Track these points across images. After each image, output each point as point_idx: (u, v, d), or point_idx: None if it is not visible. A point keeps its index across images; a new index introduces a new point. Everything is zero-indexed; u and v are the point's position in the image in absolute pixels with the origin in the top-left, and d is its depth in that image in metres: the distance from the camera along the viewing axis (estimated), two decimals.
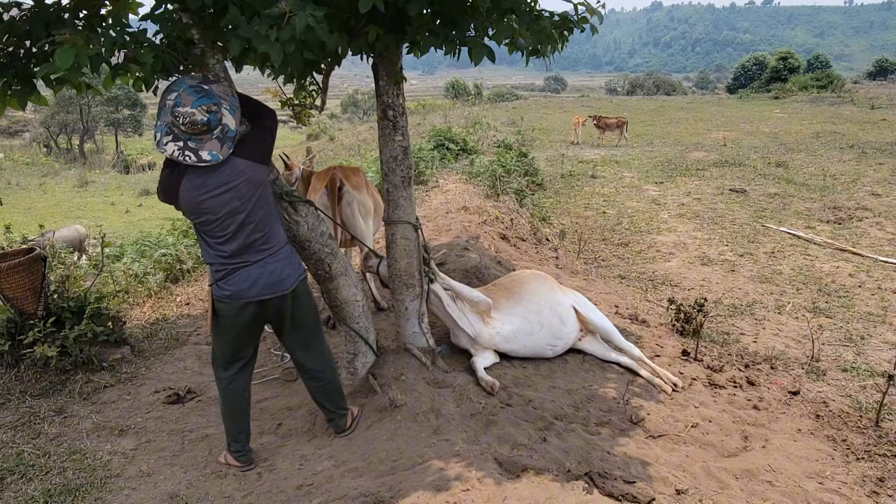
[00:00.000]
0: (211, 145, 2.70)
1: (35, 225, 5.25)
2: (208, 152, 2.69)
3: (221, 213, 2.77)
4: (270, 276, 2.91)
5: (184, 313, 5.55)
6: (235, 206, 2.78)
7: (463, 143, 14.20)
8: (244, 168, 2.80)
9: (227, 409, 3.13)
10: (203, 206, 2.75)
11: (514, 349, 4.21)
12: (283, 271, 2.96)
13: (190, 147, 2.68)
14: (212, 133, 2.70)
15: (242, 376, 3.15)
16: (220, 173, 2.75)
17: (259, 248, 2.89)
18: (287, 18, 2.45)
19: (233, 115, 2.77)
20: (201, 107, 2.66)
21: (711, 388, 4.35)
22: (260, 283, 2.88)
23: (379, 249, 5.00)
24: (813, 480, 3.31)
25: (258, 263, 2.89)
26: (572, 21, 3.28)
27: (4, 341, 4.02)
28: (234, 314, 2.92)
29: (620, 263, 8.27)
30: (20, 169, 23.75)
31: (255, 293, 2.89)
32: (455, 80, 45.86)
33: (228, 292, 2.87)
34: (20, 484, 3.07)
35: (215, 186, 2.74)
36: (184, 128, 2.66)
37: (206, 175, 2.73)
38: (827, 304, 6.52)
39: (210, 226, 2.80)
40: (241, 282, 2.86)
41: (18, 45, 3.14)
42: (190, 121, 2.64)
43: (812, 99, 30.95)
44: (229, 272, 2.86)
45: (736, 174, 13.72)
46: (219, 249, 2.85)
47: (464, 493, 2.58)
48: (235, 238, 2.82)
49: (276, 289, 2.93)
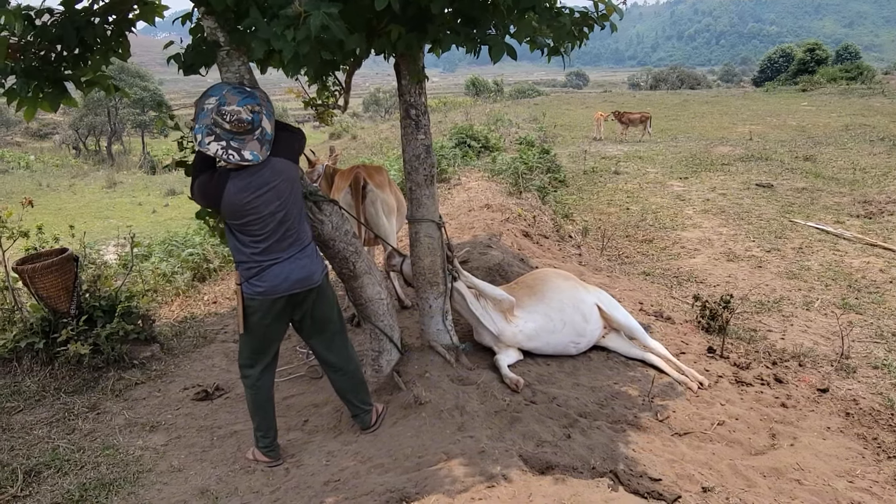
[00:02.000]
0: (252, 146, 2.78)
1: (65, 225, 5.37)
2: (250, 152, 2.77)
3: (264, 213, 2.85)
4: (301, 270, 2.99)
5: (211, 311, 5.64)
6: (276, 206, 2.87)
7: (485, 140, 14.19)
8: (282, 168, 2.91)
9: (255, 406, 3.18)
10: (248, 208, 2.82)
11: (537, 347, 4.21)
12: (311, 266, 3.04)
13: (233, 147, 2.75)
14: (253, 133, 2.78)
15: (268, 374, 3.20)
16: (262, 174, 2.84)
17: (291, 244, 2.97)
18: (303, 19, 2.49)
19: (269, 120, 2.86)
20: (246, 106, 2.76)
21: (738, 385, 4.30)
22: (292, 277, 2.96)
23: (402, 248, 5.03)
24: (843, 479, 3.27)
25: (290, 259, 2.96)
26: (593, 18, 3.27)
27: (39, 339, 4.13)
28: (265, 311, 2.98)
29: (645, 260, 8.20)
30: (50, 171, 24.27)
31: (287, 288, 2.96)
32: (476, 77, 45.72)
33: (261, 289, 2.94)
34: (56, 478, 3.15)
35: (259, 187, 2.83)
36: (229, 126, 2.73)
37: (250, 177, 2.81)
38: (857, 300, 6.40)
39: (251, 226, 2.87)
40: (274, 278, 2.93)
41: (50, 49, 3.22)
42: (237, 119, 2.72)
43: (841, 91, 30.31)
44: (263, 269, 2.93)
45: (762, 169, 13.51)
46: (254, 248, 2.92)
47: (489, 490, 2.59)
48: (272, 236, 2.91)
49: (306, 283, 3.01)
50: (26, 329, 4.19)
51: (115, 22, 3.33)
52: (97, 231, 11.85)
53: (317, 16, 2.48)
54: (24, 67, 3.10)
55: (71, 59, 3.30)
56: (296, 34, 2.51)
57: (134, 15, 3.41)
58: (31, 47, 3.11)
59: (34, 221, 4.76)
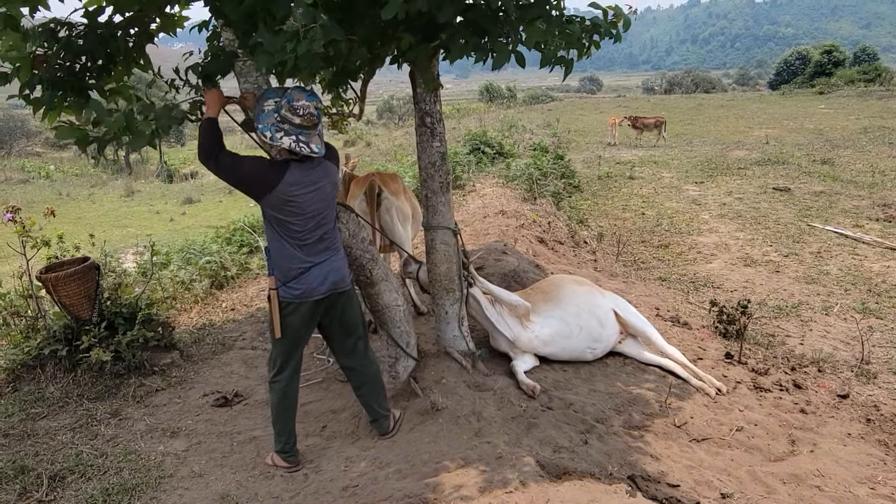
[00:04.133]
0: (315, 140, 2.93)
1: (85, 234, 5.46)
2: (315, 145, 2.91)
3: (308, 210, 2.95)
4: (336, 273, 3.10)
5: (229, 318, 5.70)
6: (319, 206, 2.99)
7: (499, 146, 14.20)
8: (331, 170, 3.06)
9: (279, 411, 3.22)
10: (296, 202, 2.91)
11: (553, 352, 4.21)
12: (344, 269, 3.17)
13: (301, 140, 2.88)
14: (317, 128, 2.93)
15: (295, 378, 3.26)
16: (316, 172, 2.97)
17: (328, 247, 3.08)
18: (304, 33, 2.53)
19: (320, 145, 3.00)
20: (313, 102, 2.90)
21: (756, 391, 4.28)
22: (329, 280, 3.06)
23: (418, 255, 5.06)
24: (864, 486, 3.23)
25: (327, 262, 3.07)
26: (601, 27, 3.28)
27: (62, 346, 4.20)
28: (301, 314, 3.06)
29: (661, 265, 8.16)
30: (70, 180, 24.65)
31: (325, 290, 3.06)
32: (489, 83, 45.74)
33: (299, 291, 3.01)
34: (80, 483, 3.20)
35: (310, 183, 2.95)
36: (299, 120, 2.86)
37: (305, 172, 2.94)
38: (877, 304, 6.33)
39: (292, 223, 2.95)
40: (313, 280, 3.02)
41: (75, 60, 3.30)
42: (308, 112, 2.87)
43: (859, 93, 29.99)
44: (304, 271, 3.01)
45: (779, 172, 13.39)
46: (297, 248, 3.00)
47: (507, 496, 2.60)
48: (311, 236, 3.00)
49: (340, 285, 3.12)
50: (49, 336, 4.27)
51: (136, 34, 3.40)
52: (116, 239, 12.01)
53: (316, 30, 2.53)
54: (50, 78, 3.18)
55: (95, 69, 3.37)
56: (297, 48, 2.56)
57: (155, 27, 3.49)
58: (56, 59, 3.19)
59: (55, 230, 4.84)
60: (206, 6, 3.20)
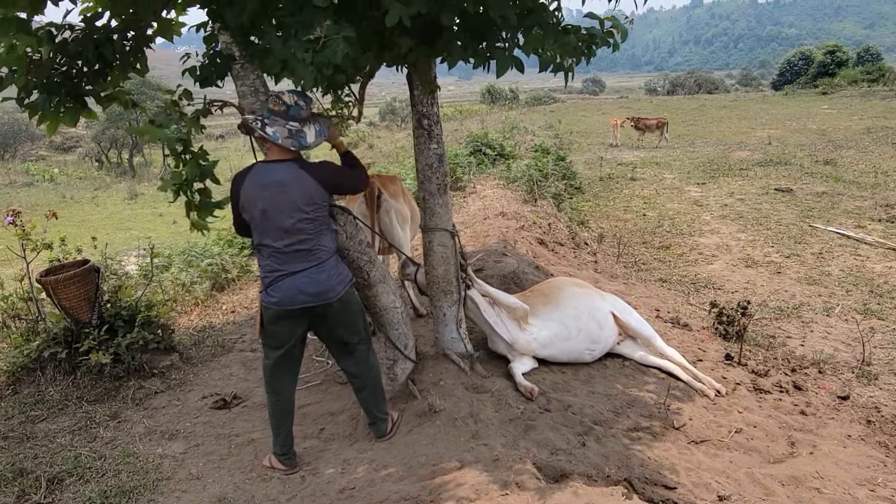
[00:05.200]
0: (277, 128, 2.90)
1: (88, 237, 5.47)
2: (273, 131, 2.89)
3: (269, 211, 2.91)
4: (315, 285, 3.01)
5: (229, 321, 5.71)
6: (285, 213, 2.91)
7: (500, 147, 14.20)
8: (306, 183, 2.94)
9: (274, 412, 3.23)
10: (254, 200, 2.91)
11: (551, 354, 4.20)
12: (329, 281, 3.05)
13: (264, 122, 2.92)
14: (285, 120, 2.92)
15: (288, 380, 3.24)
16: (280, 173, 2.93)
17: (304, 258, 3.00)
18: (322, 43, 2.53)
19: (315, 136, 3.00)
20: (292, 95, 2.94)
21: (756, 392, 4.26)
22: (306, 291, 2.99)
23: (416, 257, 5.06)
24: (864, 488, 3.22)
25: (303, 273, 2.99)
26: (598, 37, 3.28)
27: (62, 349, 4.21)
28: (279, 320, 3.04)
29: (661, 267, 8.15)
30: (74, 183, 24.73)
31: (302, 301, 3.00)
32: (491, 84, 45.76)
33: (275, 299, 3.00)
34: (78, 485, 3.21)
35: (271, 185, 2.91)
36: (271, 105, 2.94)
37: (268, 173, 2.93)
38: (879, 305, 6.30)
39: (257, 227, 2.96)
40: (287, 289, 2.98)
41: (71, 65, 3.31)
42: (275, 96, 2.94)
43: (862, 93, 29.92)
44: (275, 280, 2.99)
45: (781, 173, 13.37)
46: (267, 258, 3.00)
47: (503, 498, 2.60)
48: (279, 244, 2.96)
49: (321, 297, 3.04)
50: (49, 339, 4.27)
51: (133, 38, 3.41)
52: (119, 242, 12.05)
53: (338, 41, 2.52)
54: (46, 83, 3.19)
55: (91, 74, 3.38)
56: (314, 58, 2.55)
57: (152, 31, 3.50)
58: (52, 63, 3.19)
59: (58, 233, 4.85)
60: (203, 8, 3.21)
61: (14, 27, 2.73)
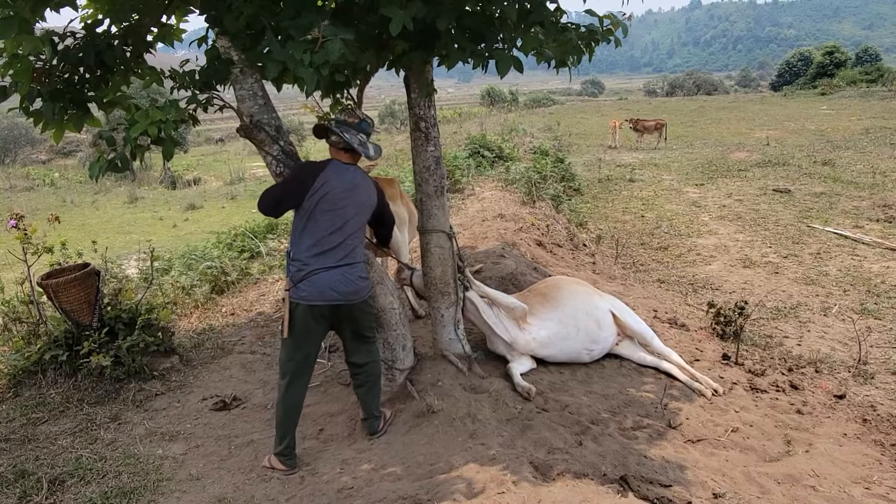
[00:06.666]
0: (352, 136, 3.18)
1: (89, 241, 5.50)
2: (350, 137, 3.17)
3: (338, 207, 3.13)
4: (347, 284, 3.19)
5: (229, 323, 5.73)
6: (348, 210, 3.16)
7: (498, 150, 14.22)
8: (371, 193, 3.30)
9: (281, 411, 3.28)
10: (331, 195, 3.11)
11: (550, 354, 4.23)
12: (359, 283, 3.25)
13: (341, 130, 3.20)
14: (357, 132, 3.21)
15: (302, 381, 3.31)
16: (356, 178, 3.22)
17: (344, 256, 3.18)
18: (320, 43, 2.56)
19: (374, 152, 3.29)
20: (363, 113, 3.34)
21: (753, 392, 4.29)
22: (338, 289, 3.16)
23: (415, 258, 5.09)
24: (859, 486, 3.24)
25: (338, 269, 3.16)
26: (598, 33, 3.31)
27: (63, 352, 4.24)
28: (308, 316, 3.16)
29: (659, 267, 8.17)
30: (74, 187, 24.73)
31: (331, 298, 3.16)
32: (491, 87, 45.83)
33: (305, 293, 3.12)
34: (79, 487, 3.23)
35: (347, 185, 3.16)
36: (345, 117, 3.24)
37: (347, 173, 3.18)
38: (876, 305, 6.32)
39: (322, 219, 3.11)
40: (321, 284, 3.12)
41: (73, 71, 3.34)
42: (351, 110, 3.30)
43: (861, 94, 29.97)
44: (310, 273, 3.12)
45: (780, 174, 13.39)
46: (312, 250, 3.13)
47: (499, 496, 2.62)
48: (331, 240, 3.13)
49: (350, 297, 3.22)
50: (50, 342, 4.30)
51: (133, 44, 3.44)
52: (119, 246, 12.07)
53: (335, 42, 2.56)
54: (50, 90, 3.22)
55: (92, 80, 3.41)
56: (313, 58, 2.59)
57: (153, 37, 3.53)
58: (56, 71, 3.23)
59: (58, 237, 4.88)
60: (202, 15, 3.25)
61: (17, 27, 2.76)
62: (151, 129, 2.83)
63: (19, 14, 2.78)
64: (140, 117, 2.85)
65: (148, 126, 2.83)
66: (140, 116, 2.86)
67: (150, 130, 2.83)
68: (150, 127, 2.83)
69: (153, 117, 2.83)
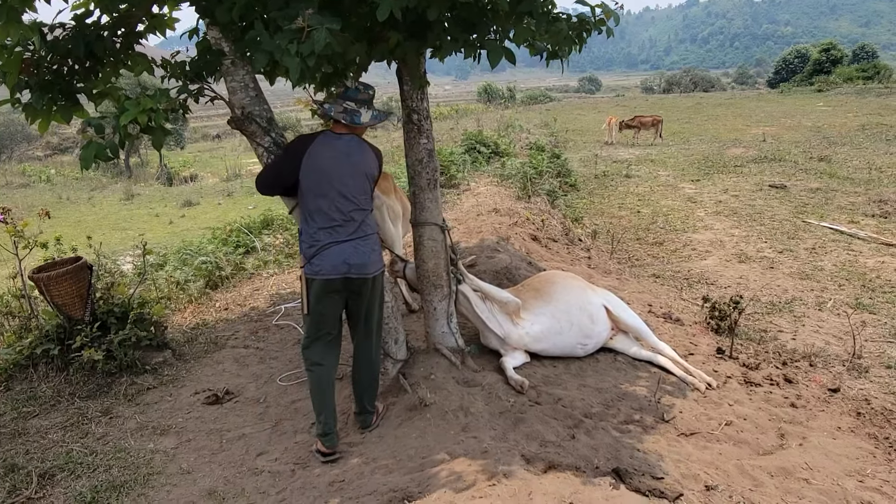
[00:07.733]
0: (334, 105, 3.18)
1: (83, 237, 5.48)
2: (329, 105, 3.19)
3: (334, 176, 3.12)
4: (358, 256, 3.18)
5: (222, 318, 5.71)
6: (348, 180, 3.14)
7: (494, 145, 14.19)
8: (370, 157, 3.25)
9: (318, 388, 3.29)
10: (323, 167, 3.11)
11: (543, 348, 4.22)
12: (371, 255, 3.24)
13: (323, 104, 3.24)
14: (343, 101, 3.17)
15: (328, 357, 3.31)
16: (350, 144, 3.19)
17: (355, 229, 3.18)
18: (306, 33, 2.54)
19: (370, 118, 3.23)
20: (355, 82, 3.26)
21: (747, 385, 4.28)
22: (349, 261, 3.14)
23: (409, 252, 5.07)
24: (853, 479, 3.24)
25: (350, 242, 3.16)
26: (589, 23, 3.29)
27: (54, 346, 4.22)
28: (323, 295, 3.16)
29: (655, 262, 8.17)
30: (70, 184, 24.63)
31: (344, 270, 3.14)
32: (488, 84, 45.75)
33: (318, 267, 3.12)
34: (69, 481, 3.21)
35: (340, 153, 3.15)
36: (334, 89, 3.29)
37: (337, 141, 3.17)
38: (871, 299, 6.33)
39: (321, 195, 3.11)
40: (334, 257, 3.12)
41: (62, 62, 3.31)
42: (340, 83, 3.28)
43: (858, 90, 30.00)
44: (323, 247, 3.12)
45: (776, 170, 13.41)
46: (321, 224, 3.13)
47: (490, 489, 2.61)
48: (338, 214, 3.13)
49: (362, 270, 3.20)
50: (42, 336, 4.28)
51: (123, 35, 3.41)
52: (115, 242, 12.01)
53: (320, 31, 2.53)
54: (38, 81, 3.19)
55: (82, 71, 3.38)
56: (300, 48, 2.57)
57: (144, 27, 3.50)
58: (45, 61, 3.20)
59: (54, 233, 4.86)
60: (192, 6, 3.22)
61: (5, 16, 2.73)
62: (141, 116, 2.79)
63: (7, 2, 2.75)
64: (130, 105, 2.81)
65: (138, 114, 2.79)
66: (130, 105, 2.82)
67: (139, 118, 2.79)
68: (140, 115, 2.79)
69: (143, 105, 2.80)
